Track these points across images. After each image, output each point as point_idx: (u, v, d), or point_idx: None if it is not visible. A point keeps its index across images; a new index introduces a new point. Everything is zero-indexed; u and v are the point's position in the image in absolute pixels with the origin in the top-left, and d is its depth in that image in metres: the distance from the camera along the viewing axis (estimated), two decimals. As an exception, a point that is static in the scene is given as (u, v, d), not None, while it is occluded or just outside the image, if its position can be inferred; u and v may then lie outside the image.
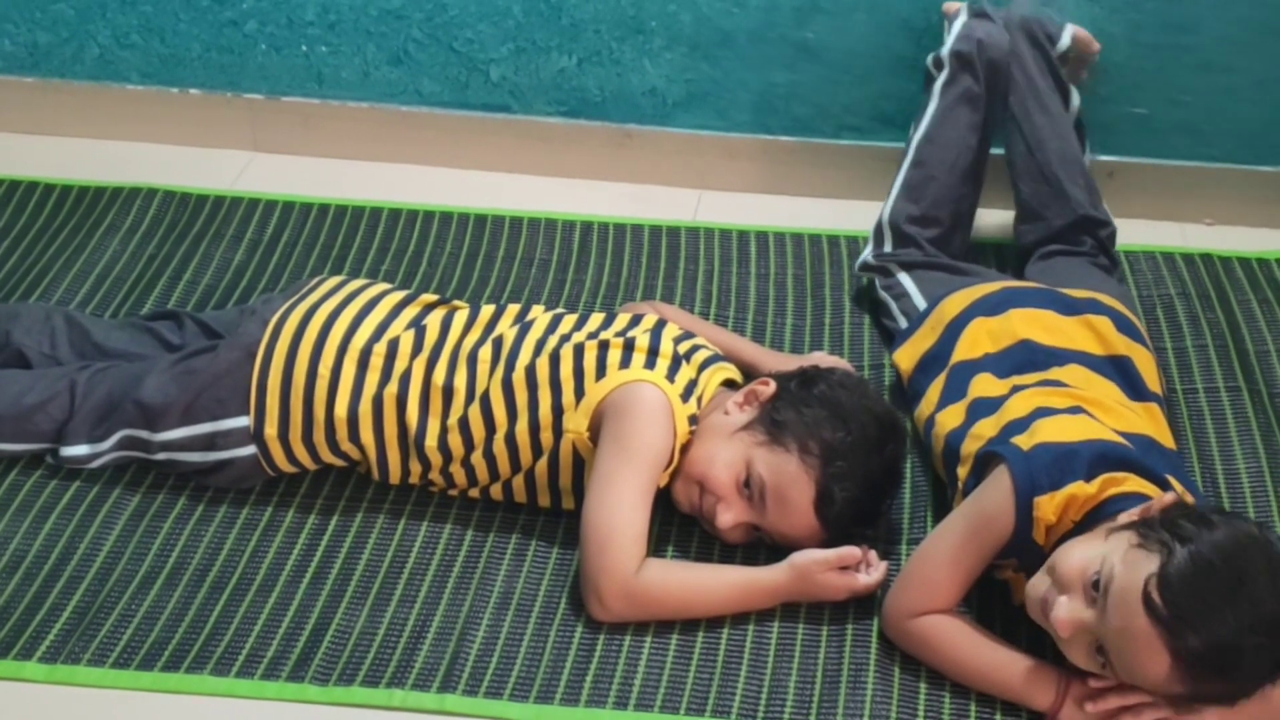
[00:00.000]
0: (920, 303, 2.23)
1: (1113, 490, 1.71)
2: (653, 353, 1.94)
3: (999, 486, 1.74)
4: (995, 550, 1.75)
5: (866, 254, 2.37)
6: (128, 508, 1.99)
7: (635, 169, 2.69)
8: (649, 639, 1.83)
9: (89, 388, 2.01)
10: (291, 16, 2.64)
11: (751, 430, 1.88)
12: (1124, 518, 1.66)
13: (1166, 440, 1.94)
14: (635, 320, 2.02)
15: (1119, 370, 2.00)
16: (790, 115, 2.63)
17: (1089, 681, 1.67)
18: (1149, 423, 1.93)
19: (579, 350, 1.94)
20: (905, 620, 1.77)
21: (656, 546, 1.93)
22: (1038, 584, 1.67)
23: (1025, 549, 1.74)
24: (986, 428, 1.88)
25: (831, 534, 1.87)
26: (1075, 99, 2.41)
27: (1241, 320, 2.38)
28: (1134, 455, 1.77)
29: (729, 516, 1.88)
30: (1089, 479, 1.71)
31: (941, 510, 1.93)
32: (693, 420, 1.91)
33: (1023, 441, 1.78)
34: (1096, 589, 1.59)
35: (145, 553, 1.93)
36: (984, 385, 1.97)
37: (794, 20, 2.55)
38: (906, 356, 2.14)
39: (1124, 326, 2.07)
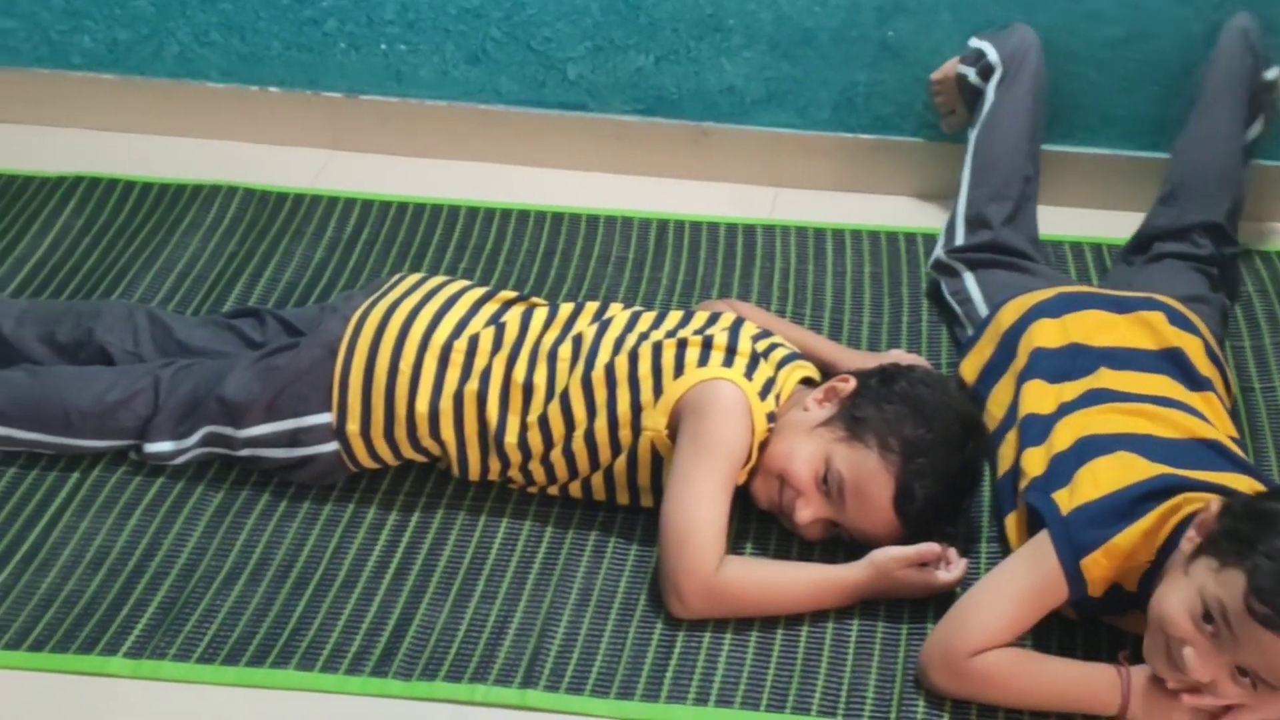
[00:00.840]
0: (982, 309, 2.23)
1: (1175, 518, 1.69)
2: (731, 350, 1.93)
3: (1046, 557, 1.73)
4: (1055, 607, 1.75)
5: (938, 251, 2.37)
6: (211, 504, 2.01)
7: (711, 167, 2.68)
8: (729, 635, 1.82)
9: (173, 384, 2.02)
10: (371, 15, 2.65)
11: (831, 426, 1.88)
12: (1186, 546, 1.64)
13: (1227, 428, 1.93)
14: (713, 318, 2.02)
15: (1173, 363, 1.99)
16: (871, 113, 2.62)
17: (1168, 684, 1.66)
18: (1208, 411, 1.92)
19: (657, 348, 1.94)
20: (962, 660, 1.72)
21: (735, 543, 1.93)
22: (1155, 648, 1.66)
23: (1086, 604, 1.74)
24: (1033, 462, 1.87)
25: (910, 531, 1.86)
26: (1258, 126, 2.42)
27: (1323, 317, 2.35)
28: (1181, 482, 1.74)
29: (808, 512, 1.87)
30: (1140, 517, 1.69)
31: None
32: (771, 418, 1.91)
33: (1064, 500, 1.77)
34: (1209, 621, 1.58)
35: (229, 549, 1.94)
36: (1034, 397, 1.96)
37: (876, 19, 2.54)
38: (970, 367, 2.14)
39: (1176, 319, 2.06)
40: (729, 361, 1.92)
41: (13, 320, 2.14)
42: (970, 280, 2.30)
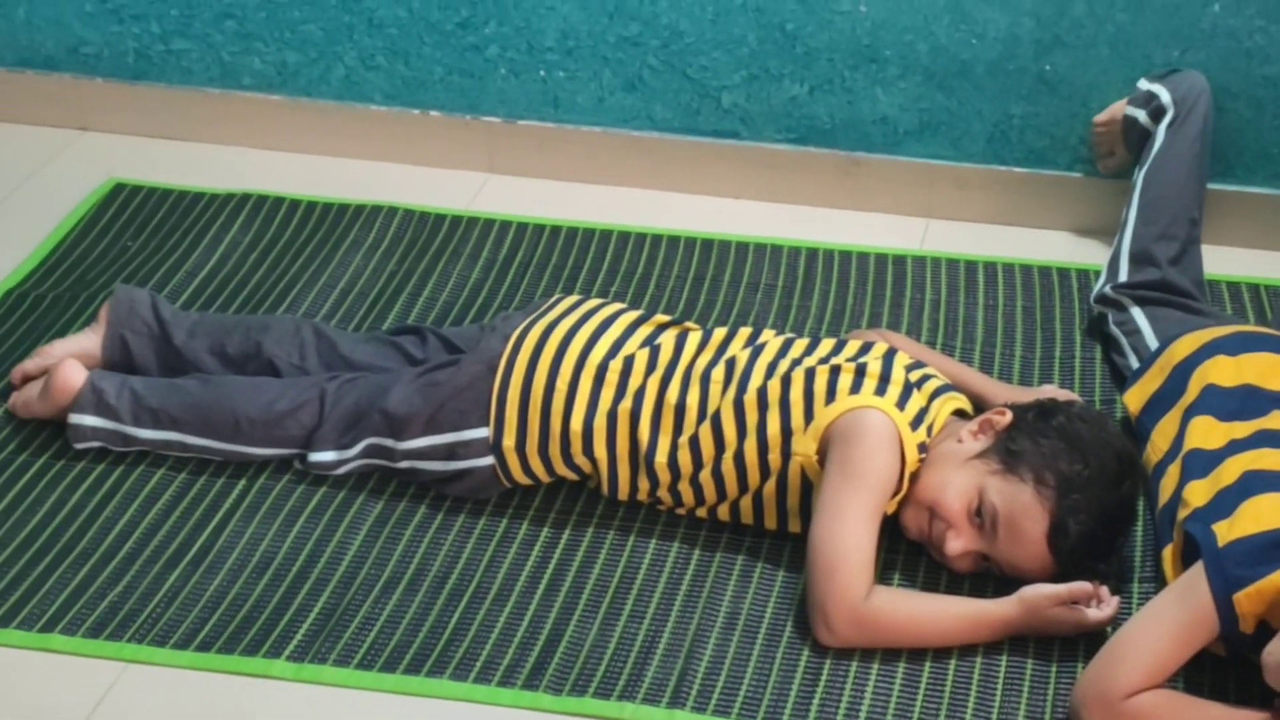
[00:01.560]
0: (1152, 341, 2.20)
1: None
2: (884, 379, 1.94)
3: (1199, 590, 1.71)
4: (1207, 643, 1.73)
5: (1103, 286, 2.35)
6: (371, 514, 2.06)
7: (863, 197, 2.69)
8: (875, 666, 1.83)
9: (338, 397, 2.08)
10: (532, 42, 2.71)
11: (985, 459, 1.88)
12: None
13: None
14: (866, 347, 2.03)
15: None
16: (1025, 146, 2.62)
17: None
18: None
19: (810, 374, 1.95)
20: (1120, 702, 1.70)
21: (883, 574, 1.93)
22: (1277, 651, 1.63)
23: (1236, 640, 1.71)
24: (1197, 494, 1.84)
25: (1062, 567, 1.85)
26: None
27: None
28: None
29: (958, 544, 1.87)
30: None
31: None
32: (922, 448, 1.91)
33: (1223, 531, 1.74)
34: None
35: (388, 558, 2.00)
36: (1201, 432, 1.94)
37: (1034, 52, 2.54)
38: (1135, 398, 2.12)
39: None
40: (882, 390, 1.93)
41: (184, 332, 2.22)
42: (1139, 314, 2.28)
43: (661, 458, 1.99)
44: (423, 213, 2.71)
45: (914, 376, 1.99)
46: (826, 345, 2.04)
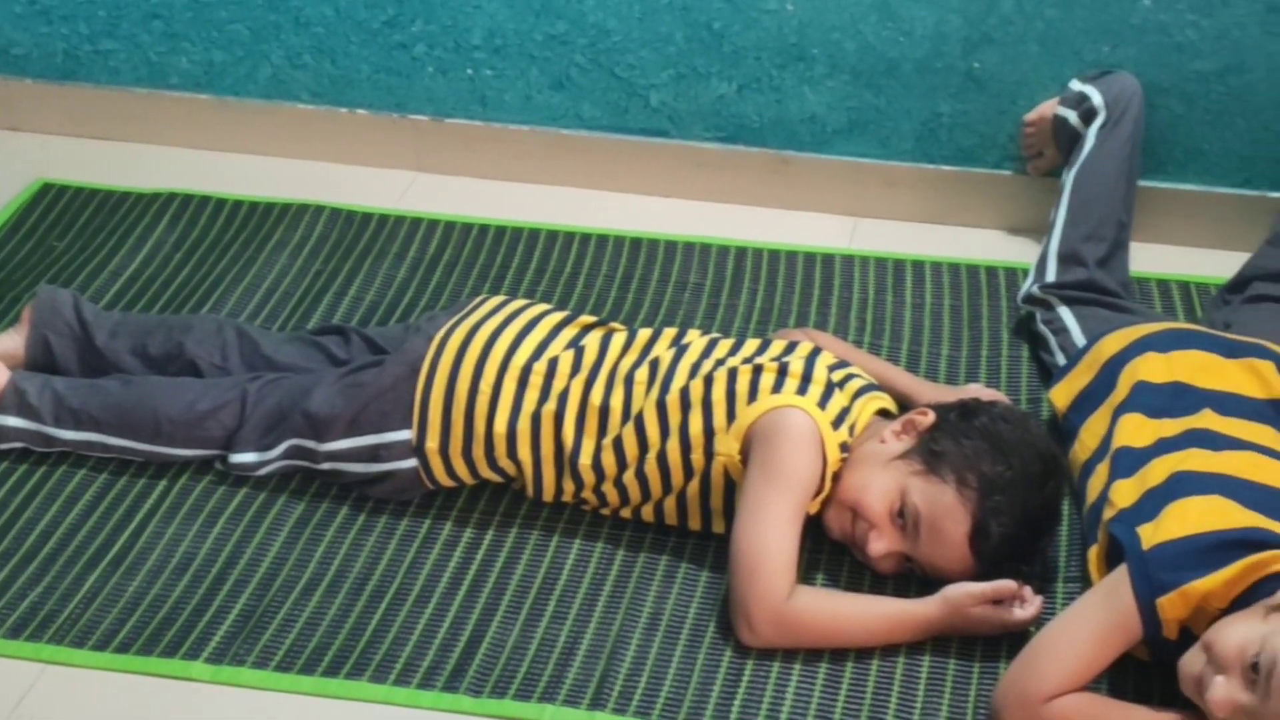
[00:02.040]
0: (1079, 339, 2.21)
1: (1261, 573, 1.66)
2: (805, 379, 1.94)
3: (1122, 592, 1.72)
4: (1129, 646, 1.73)
5: (1030, 286, 2.36)
6: (292, 515, 2.05)
7: (791, 196, 2.70)
8: (797, 667, 1.83)
9: (259, 397, 2.07)
10: (459, 41, 2.70)
11: (908, 459, 1.88)
12: None
13: None
14: (790, 347, 2.03)
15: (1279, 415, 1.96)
16: (954, 145, 2.63)
17: None
18: None
19: (732, 374, 1.95)
20: (1039, 704, 1.70)
21: (806, 574, 1.93)
22: (1193, 661, 1.64)
23: (1159, 645, 1.72)
24: (1123, 493, 1.85)
25: (985, 569, 1.85)
26: None
27: None
28: (1272, 538, 1.71)
29: (881, 545, 1.87)
30: (1223, 566, 1.67)
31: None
32: (844, 448, 1.91)
33: (1148, 534, 1.75)
34: (1256, 671, 1.56)
35: (308, 560, 1.98)
36: (1130, 429, 1.94)
37: (962, 50, 2.55)
38: (1062, 394, 2.12)
39: None
40: (803, 390, 1.93)
41: (106, 333, 2.20)
42: (1066, 313, 2.29)
43: (585, 459, 1.98)
44: (350, 211, 2.69)
45: (837, 376, 1.99)
46: (751, 345, 2.04)
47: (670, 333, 2.08)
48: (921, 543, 1.86)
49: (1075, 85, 2.50)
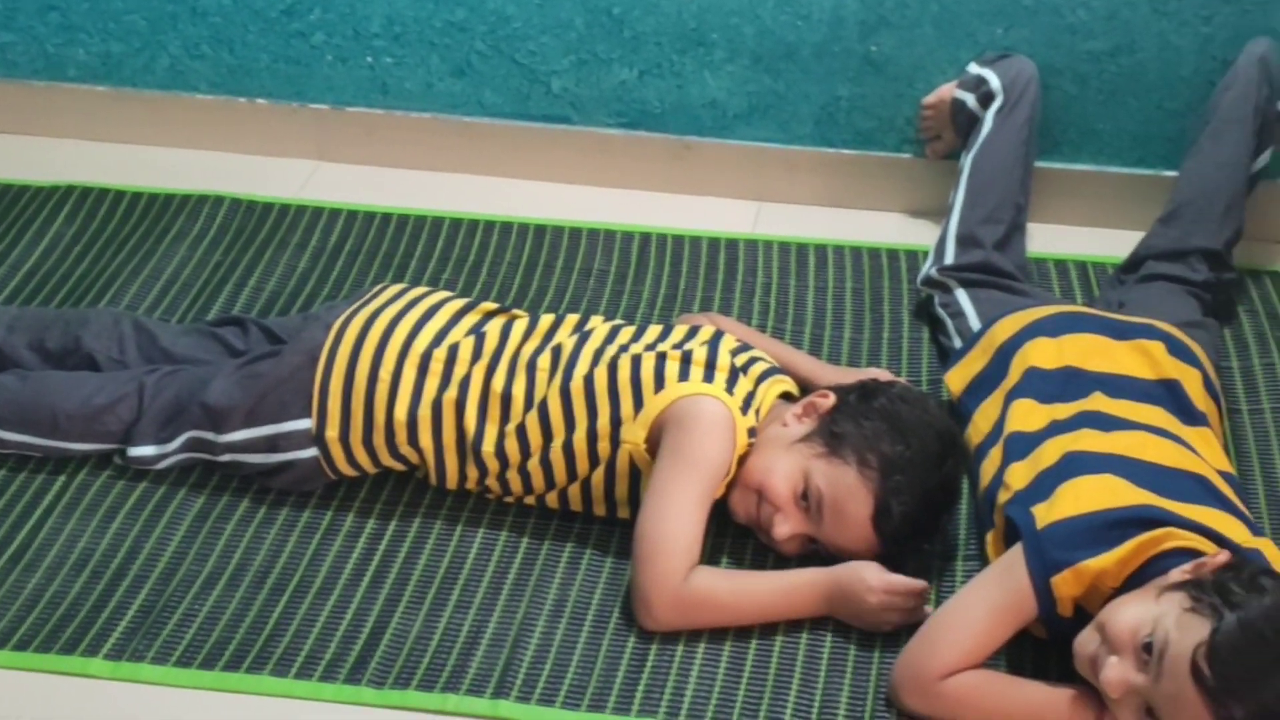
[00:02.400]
0: (975, 322, 2.24)
1: (1153, 551, 1.69)
2: (710, 366, 1.95)
3: (1017, 572, 1.74)
4: (1024, 624, 1.76)
5: (928, 268, 2.38)
6: (192, 509, 2.03)
7: (694, 181, 2.71)
8: (701, 650, 1.84)
9: (157, 390, 2.05)
10: (357, 28, 2.68)
11: (810, 442, 1.89)
12: (1176, 575, 1.64)
13: (1219, 462, 1.93)
14: (692, 332, 2.04)
15: (1170, 395, 1.99)
16: (853, 128, 2.64)
17: None
18: (1202, 446, 1.92)
19: (636, 361, 1.96)
20: (934, 683, 1.73)
21: (711, 556, 1.94)
22: (1087, 641, 1.66)
23: (1054, 623, 1.74)
24: (1017, 476, 1.88)
25: (887, 548, 1.87)
26: (1266, 157, 2.43)
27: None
28: (1163, 515, 1.74)
29: (785, 528, 1.89)
30: (1116, 544, 1.70)
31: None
32: (751, 433, 1.93)
33: (1041, 513, 1.77)
34: (1148, 651, 1.58)
35: (208, 554, 1.97)
36: (1022, 414, 1.97)
37: (859, 33, 2.56)
38: (957, 379, 2.15)
39: (1176, 349, 2.06)
40: (709, 377, 1.94)
41: (3, 327, 2.17)
42: (963, 295, 2.31)
43: (488, 446, 1.98)
44: (250, 202, 2.67)
45: (740, 360, 2.00)
46: (653, 331, 2.04)
47: (573, 319, 2.08)
48: (825, 524, 1.88)
49: (973, 69, 2.53)
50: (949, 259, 2.36)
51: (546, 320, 2.07)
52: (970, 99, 2.50)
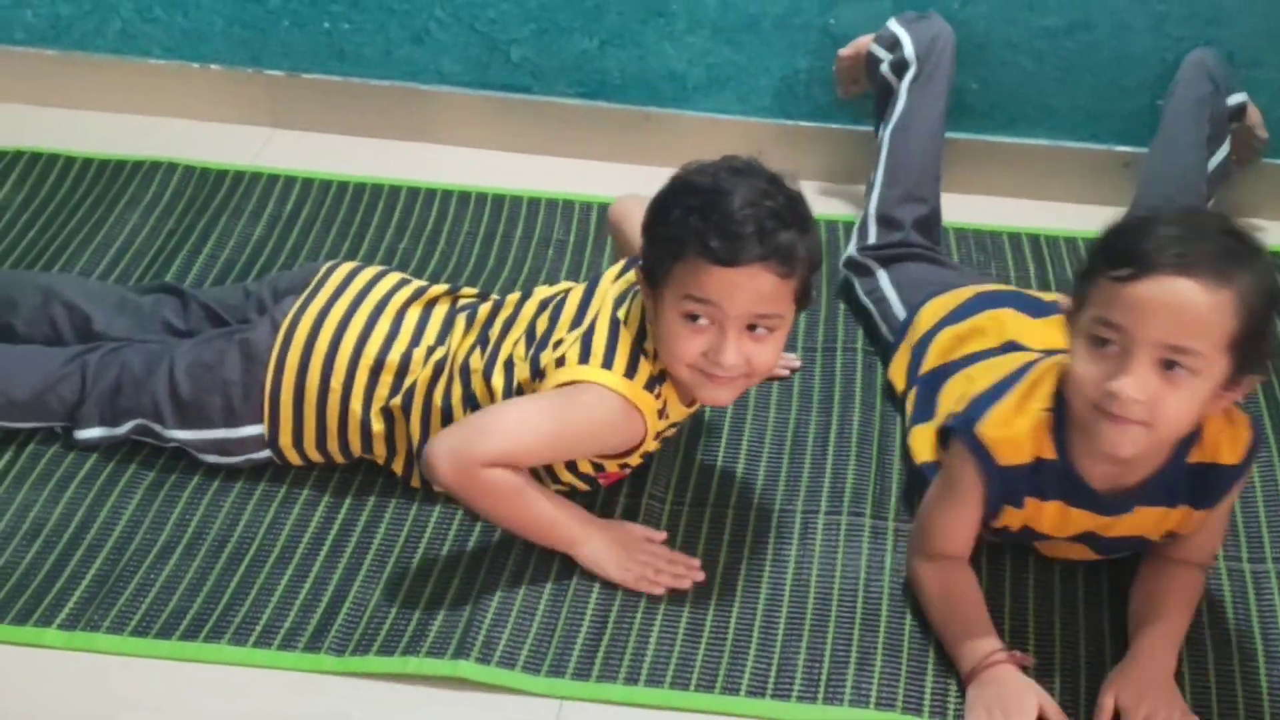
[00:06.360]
0: (899, 308, 2.25)
1: (1050, 378, 1.76)
2: (610, 351, 1.86)
3: (951, 448, 1.82)
4: (983, 495, 1.80)
5: (852, 250, 2.38)
6: (146, 478, 2.01)
7: (653, 151, 2.69)
8: (659, 617, 1.85)
9: (99, 371, 2.01)
10: (315, -7, 2.66)
11: (651, 297, 1.83)
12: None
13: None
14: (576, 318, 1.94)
15: None
16: (812, 101, 2.64)
17: None
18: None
19: (535, 363, 1.89)
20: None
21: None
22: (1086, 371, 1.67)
23: (1003, 477, 1.77)
24: (922, 441, 1.98)
25: (730, 252, 1.78)
26: (1224, 151, 2.44)
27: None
28: (1023, 348, 1.91)
29: (731, 353, 1.79)
30: (1010, 388, 1.78)
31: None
32: (659, 379, 1.86)
33: (958, 405, 1.87)
34: (1102, 345, 1.63)
35: (164, 522, 1.95)
36: (938, 350, 2.07)
37: (819, 6, 2.56)
38: (896, 373, 2.18)
39: None
40: (608, 363, 1.86)
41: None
42: (884, 278, 2.31)
43: None
44: (204, 169, 2.64)
45: (622, 313, 1.89)
46: (568, 313, 1.94)
47: (512, 299, 2.00)
48: (716, 315, 1.78)
49: (891, 25, 2.48)
50: (872, 238, 2.36)
51: (484, 310, 2.00)
52: (886, 61, 2.47)
